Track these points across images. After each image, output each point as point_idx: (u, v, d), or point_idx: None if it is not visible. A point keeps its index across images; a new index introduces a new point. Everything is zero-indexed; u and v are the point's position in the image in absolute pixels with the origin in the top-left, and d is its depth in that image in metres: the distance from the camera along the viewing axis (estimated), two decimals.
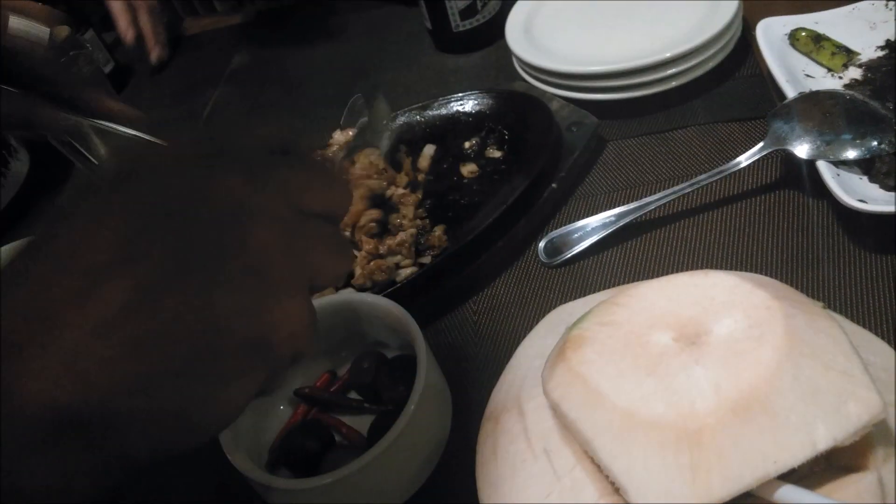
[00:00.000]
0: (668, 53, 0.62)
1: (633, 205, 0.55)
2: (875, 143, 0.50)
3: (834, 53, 0.60)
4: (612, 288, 0.50)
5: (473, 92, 0.70)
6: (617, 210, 0.56)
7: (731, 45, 0.66)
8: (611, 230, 0.55)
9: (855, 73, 0.60)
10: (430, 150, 0.68)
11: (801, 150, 0.51)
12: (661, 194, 0.55)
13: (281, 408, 0.50)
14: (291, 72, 0.94)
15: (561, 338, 0.40)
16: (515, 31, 0.74)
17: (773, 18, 0.64)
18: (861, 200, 0.46)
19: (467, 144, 0.68)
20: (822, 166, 0.49)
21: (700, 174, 0.55)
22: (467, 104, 0.70)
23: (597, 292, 0.50)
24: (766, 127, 0.54)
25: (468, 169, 0.66)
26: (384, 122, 0.61)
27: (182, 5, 1.28)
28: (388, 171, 0.63)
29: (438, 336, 0.54)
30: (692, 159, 0.61)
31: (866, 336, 0.41)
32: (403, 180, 0.64)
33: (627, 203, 0.56)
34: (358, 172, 0.62)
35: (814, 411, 0.30)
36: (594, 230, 0.56)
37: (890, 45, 0.60)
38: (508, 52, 0.74)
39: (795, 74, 0.59)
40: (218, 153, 0.28)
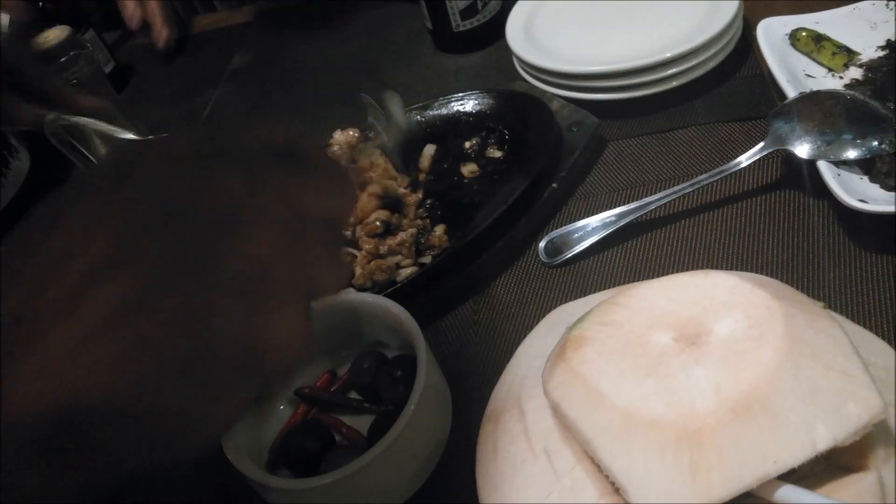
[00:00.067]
0: (668, 53, 0.62)
1: (633, 205, 0.55)
2: (875, 143, 0.50)
3: (834, 53, 0.60)
4: (612, 288, 0.50)
5: (474, 92, 0.70)
6: (617, 210, 0.56)
7: (732, 45, 0.66)
8: (611, 230, 0.55)
9: (855, 73, 0.60)
10: (430, 150, 0.68)
11: (802, 150, 0.51)
12: (662, 194, 0.55)
13: (281, 408, 0.50)
14: (291, 72, 0.94)
15: (561, 338, 0.40)
16: (516, 31, 0.74)
17: (773, 18, 0.64)
18: (861, 200, 0.46)
19: (468, 144, 0.68)
20: (823, 166, 0.49)
21: (700, 174, 0.55)
22: (468, 104, 0.70)
23: (597, 292, 0.50)
24: (766, 127, 0.54)
25: (469, 169, 0.66)
26: (398, 121, 0.60)
27: (182, 5, 1.28)
28: (395, 174, 0.63)
29: (438, 336, 0.54)
30: (693, 159, 0.61)
31: (866, 336, 0.41)
32: (404, 181, 0.64)
33: (628, 203, 0.56)
34: (370, 172, 0.62)
35: (814, 411, 0.30)
36: (594, 230, 0.56)
37: (890, 45, 0.60)
38: (509, 52, 0.74)
39: (796, 74, 0.59)
40: (218, 153, 0.28)
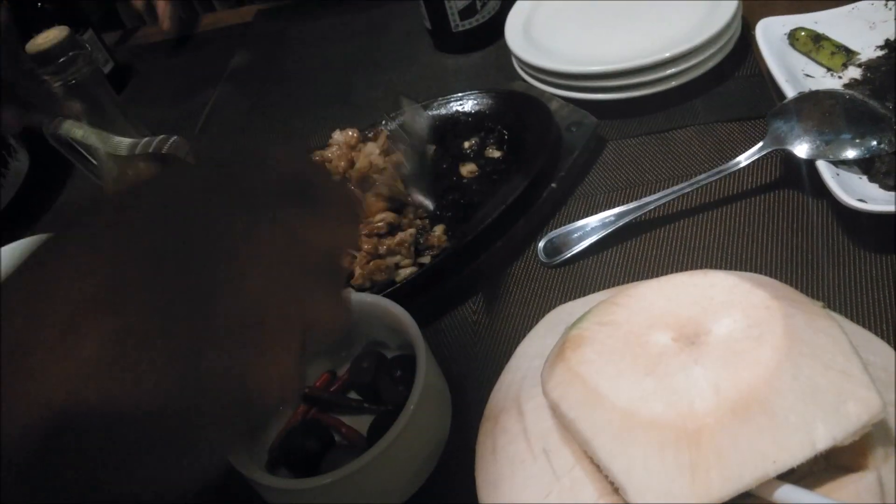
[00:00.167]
0: (667, 53, 0.62)
1: (632, 205, 0.55)
2: (874, 142, 0.50)
3: (833, 53, 0.60)
4: (611, 288, 0.50)
5: (473, 92, 0.70)
6: (616, 210, 0.56)
7: (731, 45, 0.66)
8: (610, 230, 0.55)
9: (854, 72, 0.60)
10: (429, 150, 0.68)
11: (801, 149, 0.51)
12: (661, 194, 0.55)
13: (280, 408, 0.50)
14: (291, 71, 0.94)
15: (560, 338, 0.40)
16: (515, 31, 0.74)
17: (772, 18, 0.64)
18: (861, 200, 0.46)
19: (467, 144, 0.68)
20: (822, 166, 0.49)
21: (699, 174, 0.55)
22: (467, 104, 0.70)
23: (596, 292, 0.50)
24: (765, 127, 0.54)
25: (468, 169, 0.66)
26: (420, 137, 0.56)
27: (182, 5, 1.28)
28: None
29: (438, 336, 0.54)
30: (692, 159, 0.61)
31: (866, 336, 0.41)
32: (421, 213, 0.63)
33: (627, 203, 0.56)
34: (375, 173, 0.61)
35: (813, 411, 0.30)
36: (594, 230, 0.56)
37: (889, 45, 0.60)
38: (508, 52, 0.74)
39: (795, 74, 0.59)
40: (221, 190, 0.27)
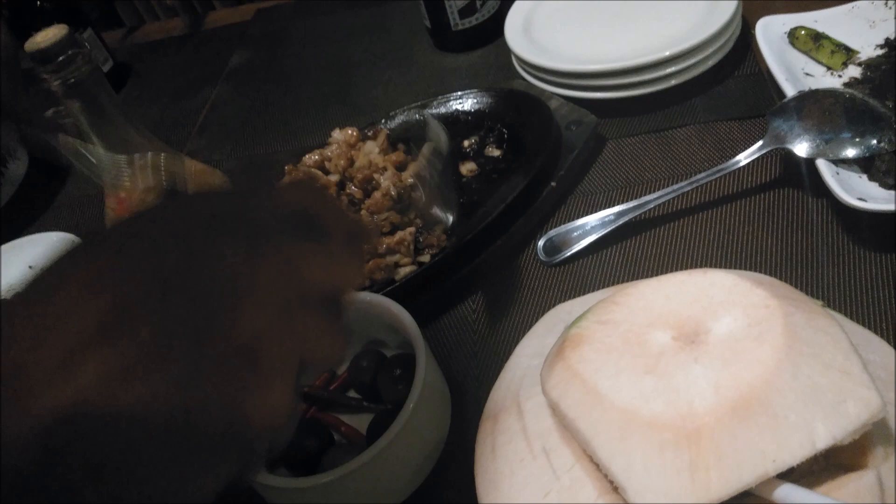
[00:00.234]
0: (667, 52, 0.62)
1: (632, 203, 0.55)
2: (874, 141, 0.50)
3: (833, 52, 0.60)
4: (611, 286, 0.50)
5: (472, 90, 0.70)
6: (616, 209, 0.56)
7: (731, 44, 0.66)
8: (610, 229, 0.55)
9: (854, 71, 0.60)
10: (428, 149, 0.68)
11: (801, 148, 0.51)
12: (661, 193, 0.55)
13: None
14: (291, 70, 0.94)
15: (560, 337, 0.40)
16: (514, 30, 0.74)
17: (772, 17, 0.64)
18: (860, 199, 0.46)
19: (466, 143, 0.68)
20: (822, 165, 0.49)
21: (699, 173, 0.55)
22: (466, 103, 0.70)
23: (596, 291, 0.50)
24: (765, 125, 0.54)
25: (467, 168, 0.66)
26: (442, 156, 0.54)
27: (182, 5, 1.28)
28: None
29: (437, 335, 0.54)
30: (691, 158, 0.61)
31: (866, 335, 0.41)
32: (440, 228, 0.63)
33: (627, 202, 0.56)
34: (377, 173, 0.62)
35: (813, 410, 0.30)
36: (593, 229, 0.56)
37: (889, 44, 0.60)
38: (507, 51, 0.74)
39: (795, 73, 0.59)
40: (229, 219, 0.27)
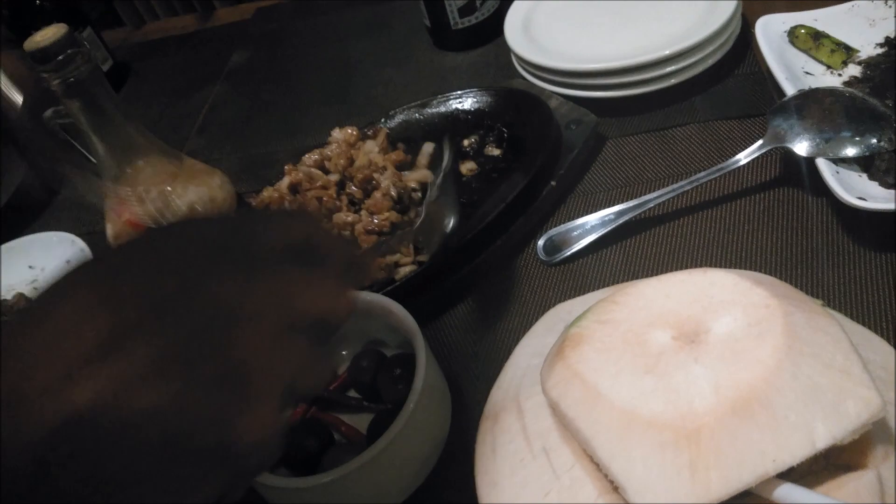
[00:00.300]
0: (667, 51, 0.62)
1: (632, 202, 0.55)
2: (874, 140, 0.50)
3: (833, 51, 0.60)
4: (611, 286, 0.50)
5: (472, 89, 0.70)
6: (616, 208, 0.56)
7: (731, 43, 0.66)
8: (610, 228, 0.55)
9: (854, 70, 0.60)
10: (428, 148, 0.68)
11: (801, 147, 0.51)
12: (661, 192, 0.55)
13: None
14: (291, 70, 0.94)
15: (560, 336, 0.40)
16: (514, 29, 0.74)
17: (772, 16, 0.64)
18: (860, 198, 0.46)
19: (466, 142, 0.68)
20: (822, 164, 0.49)
21: (699, 172, 0.55)
22: (466, 102, 0.70)
23: (596, 290, 0.50)
24: (765, 124, 0.54)
25: (467, 167, 0.66)
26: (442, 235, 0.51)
27: (182, 5, 1.28)
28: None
29: (437, 334, 0.54)
30: (691, 157, 0.61)
31: (865, 334, 0.41)
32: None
33: (626, 201, 0.56)
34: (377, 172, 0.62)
35: (813, 410, 0.30)
36: (593, 228, 0.56)
37: (889, 43, 0.60)
38: (507, 50, 0.74)
39: (795, 72, 0.59)
40: (224, 248, 0.28)
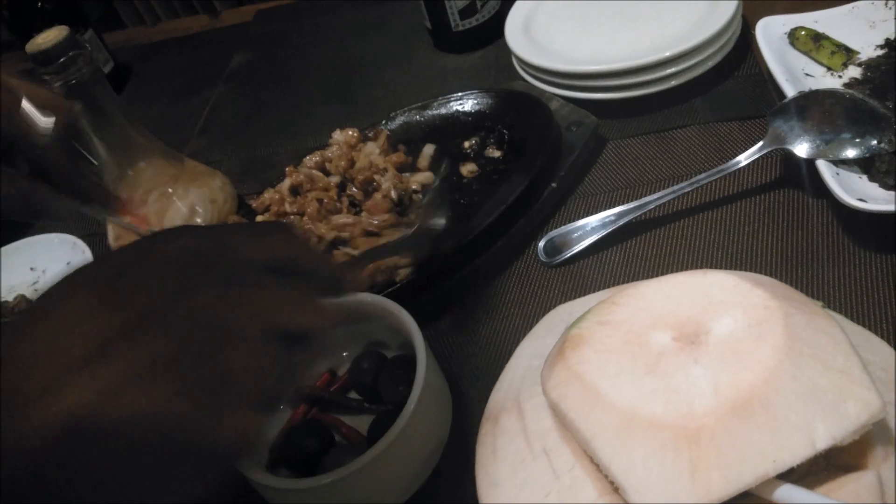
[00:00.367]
0: (667, 52, 0.62)
1: (632, 204, 0.55)
2: (874, 141, 0.50)
3: (833, 52, 0.60)
4: (611, 287, 0.50)
5: (473, 91, 0.70)
6: (616, 209, 0.56)
7: (731, 45, 0.66)
8: (610, 230, 0.55)
9: (854, 71, 0.60)
10: (429, 150, 0.68)
11: (801, 149, 0.51)
12: (661, 193, 0.55)
13: (281, 407, 0.50)
14: (291, 71, 0.94)
15: (560, 337, 0.40)
16: (515, 31, 0.74)
17: (772, 17, 0.64)
18: (861, 199, 0.46)
19: (467, 144, 0.68)
20: (822, 165, 0.49)
21: (700, 173, 0.55)
22: (467, 103, 0.70)
23: (596, 292, 0.50)
24: (765, 126, 0.54)
25: (468, 168, 0.66)
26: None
27: (182, 5, 1.28)
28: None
29: (438, 336, 0.54)
30: (692, 158, 0.61)
31: (866, 335, 0.41)
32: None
33: (627, 202, 0.56)
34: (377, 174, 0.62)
35: (813, 410, 0.30)
36: (594, 230, 0.56)
37: (889, 44, 0.60)
38: (508, 52, 0.74)
39: (795, 73, 0.59)
40: (209, 260, 0.30)
